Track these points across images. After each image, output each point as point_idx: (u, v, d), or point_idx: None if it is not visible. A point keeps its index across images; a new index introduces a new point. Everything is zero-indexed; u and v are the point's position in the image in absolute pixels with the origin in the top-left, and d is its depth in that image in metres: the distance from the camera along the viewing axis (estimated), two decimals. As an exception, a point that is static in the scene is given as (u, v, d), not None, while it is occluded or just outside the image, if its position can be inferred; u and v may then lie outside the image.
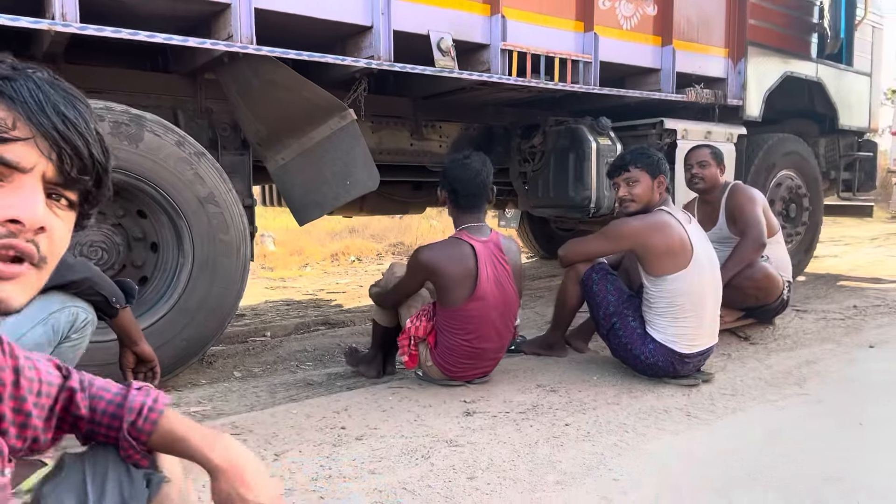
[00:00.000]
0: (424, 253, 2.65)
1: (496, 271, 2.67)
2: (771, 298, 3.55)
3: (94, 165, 0.71)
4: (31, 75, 0.69)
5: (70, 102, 0.69)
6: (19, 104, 0.66)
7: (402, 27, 3.18)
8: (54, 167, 0.68)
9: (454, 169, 2.73)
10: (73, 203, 0.72)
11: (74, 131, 0.68)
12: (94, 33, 2.46)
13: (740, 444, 2.20)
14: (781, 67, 5.00)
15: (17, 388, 0.86)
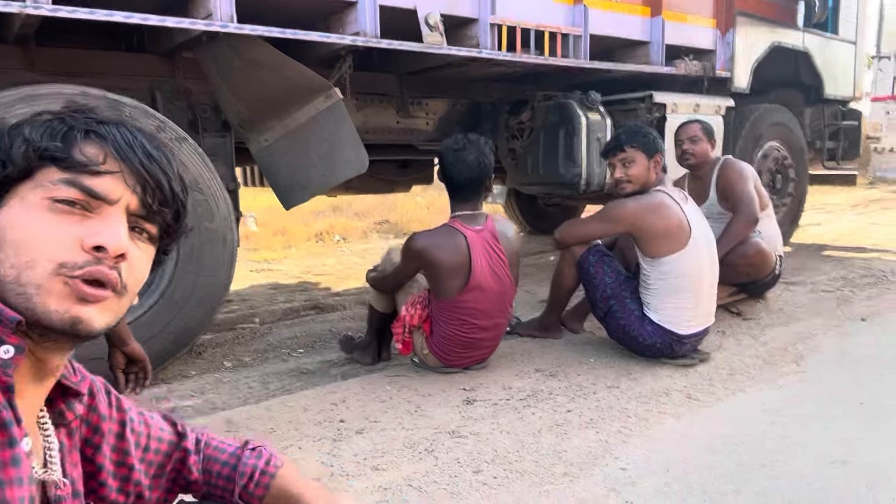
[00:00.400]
0: (417, 242, 2.59)
1: (490, 261, 2.62)
2: (763, 273, 3.55)
3: (174, 199, 0.77)
4: (122, 121, 0.77)
5: (154, 144, 0.77)
6: (110, 143, 0.73)
7: (388, 2, 3.07)
8: (138, 200, 0.74)
9: (447, 158, 2.66)
10: (153, 237, 0.78)
11: (158, 168, 0.75)
12: (67, 15, 2.32)
13: (743, 426, 2.20)
14: (769, 37, 4.95)
15: (122, 440, 0.90)
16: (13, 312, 0.66)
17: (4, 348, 0.66)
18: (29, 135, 0.71)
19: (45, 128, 0.72)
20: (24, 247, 0.67)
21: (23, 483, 0.66)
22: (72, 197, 0.70)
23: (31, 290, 0.67)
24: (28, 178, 0.71)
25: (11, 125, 0.74)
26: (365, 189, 5.08)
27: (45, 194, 0.69)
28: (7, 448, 0.66)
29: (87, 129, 0.73)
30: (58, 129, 0.72)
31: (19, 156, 0.70)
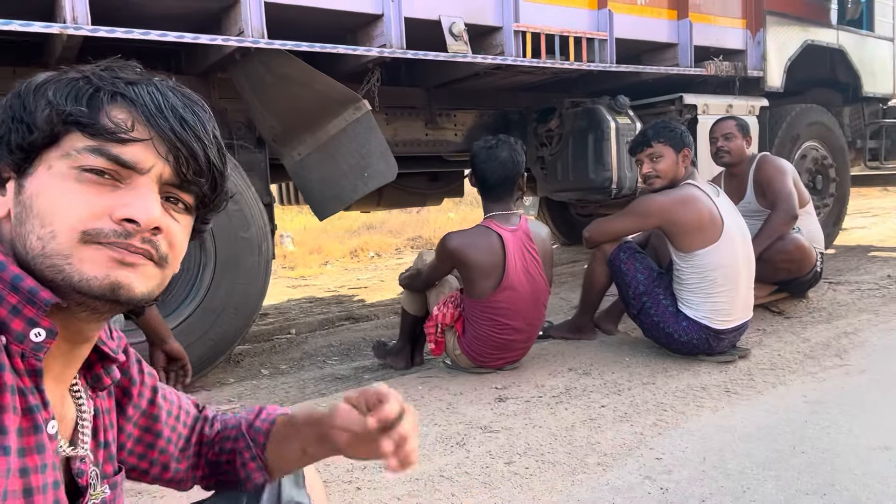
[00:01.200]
0: (452, 240, 2.59)
1: (525, 261, 2.61)
2: (804, 271, 3.46)
3: (210, 168, 0.71)
4: (153, 81, 0.70)
5: (189, 107, 0.70)
6: (139, 107, 0.67)
7: (412, 14, 3.14)
8: (171, 169, 0.68)
9: (479, 156, 2.66)
10: (189, 207, 0.73)
11: (192, 134, 0.69)
12: (105, 35, 2.44)
13: (783, 417, 2.14)
14: (802, 36, 4.88)
15: (153, 405, 0.90)
16: (49, 294, 0.63)
17: (36, 331, 0.63)
18: (53, 97, 0.66)
19: (69, 89, 0.67)
20: (48, 217, 0.64)
21: (47, 469, 0.65)
22: (99, 166, 0.65)
23: (59, 260, 0.63)
24: (55, 143, 0.66)
25: (38, 83, 0.68)
26: (396, 203, 5.15)
27: (72, 163, 0.65)
28: (32, 434, 0.64)
29: (115, 90, 0.67)
30: (83, 90, 0.67)
31: (43, 120, 0.65)
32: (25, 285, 0.63)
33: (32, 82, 0.68)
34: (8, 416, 0.61)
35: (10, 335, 0.63)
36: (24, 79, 0.70)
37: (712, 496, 1.66)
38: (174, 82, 0.72)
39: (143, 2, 2.70)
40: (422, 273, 2.78)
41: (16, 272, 0.64)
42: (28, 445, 0.64)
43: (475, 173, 2.71)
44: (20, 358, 0.64)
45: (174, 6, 2.77)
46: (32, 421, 0.64)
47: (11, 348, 0.63)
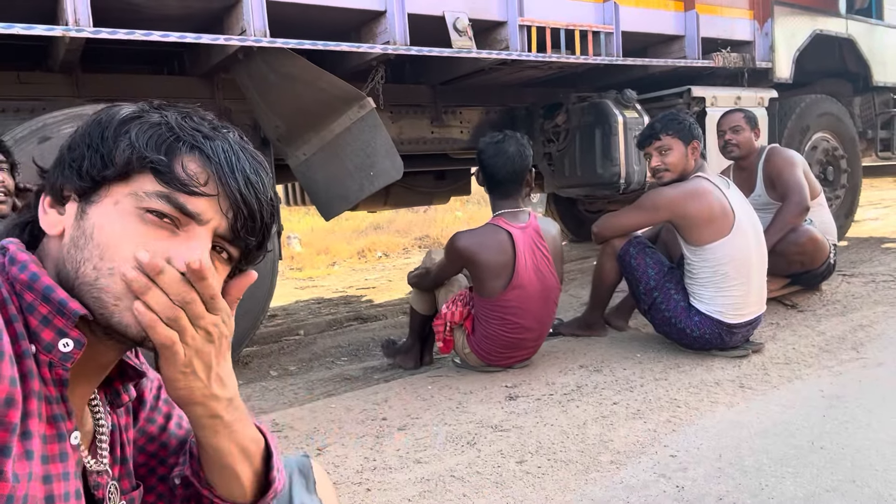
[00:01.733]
0: (461, 239, 2.56)
1: (535, 259, 2.57)
2: (817, 263, 3.41)
3: (262, 227, 0.74)
4: (227, 136, 0.73)
5: (255, 169, 0.73)
6: (214, 164, 0.70)
7: (416, 10, 3.11)
8: (227, 224, 0.71)
9: (486, 152, 2.63)
10: (231, 258, 0.75)
11: (254, 196, 0.72)
12: (107, 36, 2.42)
13: (800, 412, 2.10)
14: (810, 26, 4.81)
15: (164, 432, 0.89)
16: (77, 305, 0.65)
17: (64, 341, 0.64)
18: (135, 139, 0.68)
19: (151, 133, 0.69)
20: (109, 253, 0.66)
21: (69, 478, 0.66)
22: (164, 210, 0.67)
23: (108, 298, 0.65)
24: (125, 180, 0.68)
25: (121, 120, 0.70)
26: (403, 202, 5.13)
27: (139, 203, 0.67)
28: (56, 442, 0.65)
29: (194, 144, 0.69)
30: (164, 137, 0.69)
31: (122, 160, 0.67)
32: (56, 296, 0.64)
33: (115, 116, 0.70)
34: (33, 421, 0.62)
35: (39, 344, 0.64)
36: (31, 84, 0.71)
37: (729, 494, 1.62)
38: (242, 138, 0.75)
39: (145, 3, 2.68)
40: (430, 272, 2.75)
41: (47, 283, 0.65)
42: (52, 453, 0.65)
43: (483, 170, 2.67)
44: (48, 367, 0.65)
45: (176, 6, 2.75)
46: (57, 429, 0.66)
47: (40, 357, 0.64)
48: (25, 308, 0.65)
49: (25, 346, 0.63)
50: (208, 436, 0.75)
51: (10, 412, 0.58)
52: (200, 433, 0.76)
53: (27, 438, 0.61)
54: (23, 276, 0.65)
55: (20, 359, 0.62)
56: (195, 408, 0.72)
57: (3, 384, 0.58)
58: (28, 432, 0.61)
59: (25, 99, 2.85)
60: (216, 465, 0.79)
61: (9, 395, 0.58)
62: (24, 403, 0.61)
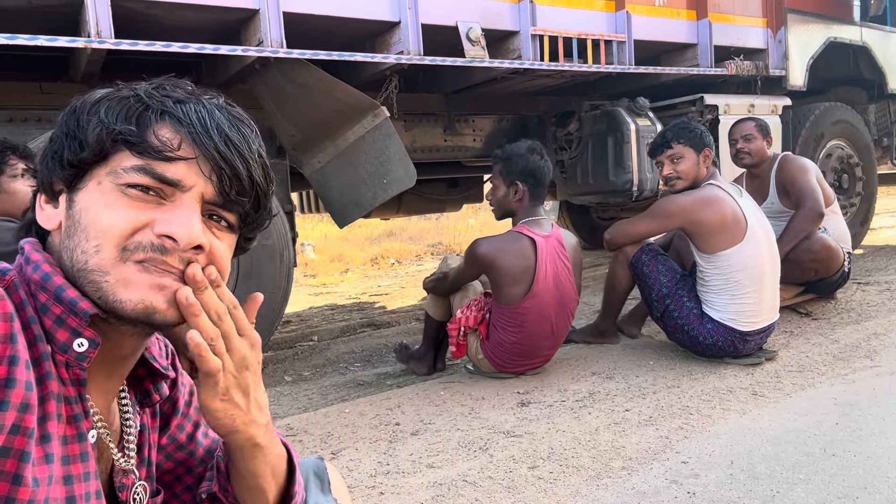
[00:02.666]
0: (482, 246, 2.57)
1: (556, 268, 2.59)
2: (831, 271, 3.39)
3: (253, 187, 0.71)
4: (202, 99, 0.71)
5: (235, 125, 0.70)
6: (186, 126, 0.68)
7: (429, 20, 3.15)
8: (213, 188, 0.68)
9: (527, 160, 2.64)
10: (232, 225, 0.72)
11: (236, 153, 0.69)
12: (128, 48, 2.49)
13: (813, 420, 2.09)
14: (824, 33, 4.81)
15: (192, 441, 0.88)
16: (88, 304, 0.64)
17: (78, 342, 0.64)
18: (104, 115, 0.67)
19: (120, 107, 0.67)
20: (93, 231, 0.65)
21: (90, 478, 0.66)
22: (144, 183, 0.66)
23: (98, 277, 0.64)
24: (104, 160, 0.67)
25: (92, 101, 0.69)
26: (416, 210, 5.16)
27: (118, 180, 0.66)
28: (76, 442, 0.65)
29: (163, 109, 0.68)
30: (133, 109, 0.67)
31: (93, 138, 0.66)
32: (67, 296, 0.64)
33: (87, 100, 0.69)
34: (52, 423, 0.62)
35: (54, 345, 0.64)
36: (53, 94, 0.71)
37: (741, 500, 1.63)
38: (224, 100, 0.73)
39: (165, 15, 2.74)
40: (448, 277, 2.77)
41: (59, 283, 0.65)
42: (72, 454, 0.65)
43: (524, 176, 2.64)
44: (65, 367, 0.65)
45: (195, 18, 2.81)
46: (77, 429, 0.65)
47: (56, 358, 0.64)
48: (40, 308, 0.64)
49: (43, 347, 0.63)
50: (246, 460, 0.74)
51: (27, 417, 0.58)
52: (238, 458, 0.75)
53: (46, 441, 0.61)
54: (35, 276, 0.65)
55: (38, 361, 0.62)
56: (236, 436, 0.71)
57: (19, 389, 0.58)
58: (47, 435, 0.61)
59: (48, 108, 2.91)
60: (247, 485, 0.78)
61: (24, 401, 0.58)
62: (42, 406, 0.61)
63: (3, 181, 2.01)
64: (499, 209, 2.76)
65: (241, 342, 0.68)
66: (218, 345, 0.67)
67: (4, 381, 0.57)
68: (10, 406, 0.57)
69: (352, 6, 2.98)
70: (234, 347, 0.68)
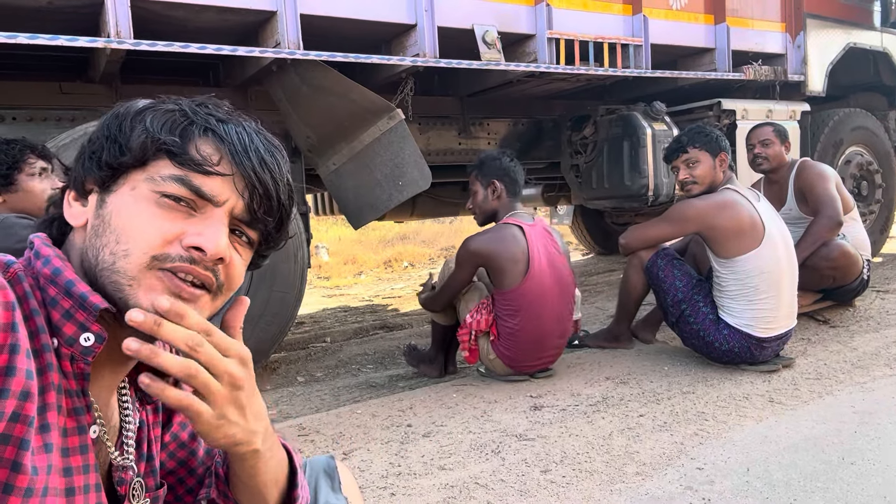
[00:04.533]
0: (474, 240, 2.64)
1: (548, 250, 2.67)
2: (850, 278, 3.35)
3: (279, 208, 0.74)
4: (241, 121, 0.74)
5: (269, 150, 0.74)
6: (227, 144, 0.71)
7: (445, 23, 3.15)
8: (244, 205, 0.71)
9: (498, 161, 2.80)
10: (252, 242, 0.75)
11: (269, 175, 0.72)
12: (147, 48, 2.51)
13: (831, 428, 2.06)
14: (844, 39, 4.76)
15: (194, 440, 0.88)
16: (98, 299, 0.65)
17: (85, 336, 0.65)
18: (150, 125, 0.69)
19: (166, 118, 0.70)
20: (124, 235, 0.66)
21: (89, 470, 0.66)
22: (180, 194, 0.68)
23: (123, 280, 0.65)
24: (142, 166, 0.69)
25: (137, 110, 0.71)
26: (429, 213, 5.16)
27: (155, 187, 0.68)
28: (77, 435, 0.66)
29: (207, 126, 0.70)
30: (178, 122, 0.70)
31: (137, 145, 0.68)
32: (77, 290, 0.65)
33: (132, 107, 0.72)
34: (52, 414, 0.62)
35: (61, 338, 0.65)
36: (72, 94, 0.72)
37: (757, 508, 1.60)
38: (258, 125, 0.76)
39: (184, 16, 2.76)
40: (442, 290, 2.77)
41: (70, 277, 0.66)
42: (72, 446, 0.65)
43: (500, 175, 2.78)
44: (70, 361, 0.65)
45: (213, 20, 2.83)
46: (77, 422, 0.66)
47: (62, 351, 0.65)
48: (48, 302, 0.65)
49: (45, 339, 0.63)
50: (246, 468, 0.74)
51: (27, 405, 0.58)
52: (238, 466, 0.75)
53: (46, 431, 0.61)
54: (46, 271, 0.66)
55: (39, 353, 0.63)
56: (238, 447, 0.71)
57: (20, 377, 0.58)
58: (46, 425, 0.61)
59: (67, 108, 2.95)
60: (248, 491, 0.78)
61: (24, 389, 0.58)
62: (42, 396, 0.61)
63: (21, 179, 2.03)
64: (481, 213, 2.86)
65: (227, 364, 0.66)
66: (200, 377, 0.64)
67: (5, 370, 0.57)
68: (10, 394, 0.57)
69: (368, 9, 2.99)
70: (220, 372, 0.66)
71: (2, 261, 0.66)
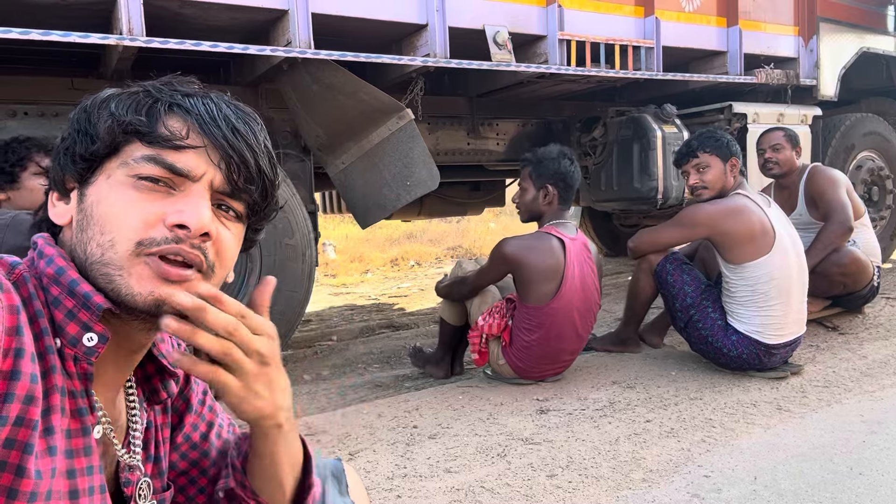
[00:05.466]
0: (511, 244, 2.55)
1: (583, 270, 2.58)
2: (860, 285, 3.33)
3: (260, 176, 0.73)
4: (209, 94, 0.73)
5: (241, 117, 0.73)
6: (194, 116, 0.70)
7: (457, 23, 3.14)
8: (222, 176, 0.70)
9: (558, 164, 2.65)
10: (240, 215, 0.74)
11: (243, 142, 0.71)
12: (159, 45, 2.51)
13: (839, 436, 2.05)
14: (857, 43, 4.72)
15: (205, 441, 0.88)
16: (101, 299, 0.64)
17: (88, 336, 0.64)
18: (115, 109, 0.68)
19: (130, 101, 0.69)
20: (107, 225, 0.66)
21: (93, 472, 0.66)
22: (155, 174, 0.67)
23: (112, 270, 0.65)
24: (115, 153, 0.68)
25: (102, 98, 0.71)
26: (437, 212, 5.16)
27: (129, 171, 0.67)
28: (80, 436, 0.65)
29: (172, 101, 0.69)
30: (143, 102, 0.69)
31: (104, 130, 0.68)
32: (81, 290, 0.64)
33: (98, 97, 0.71)
34: (56, 416, 0.62)
35: (64, 338, 0.64)
36: (84, 90, 0.72)
37: (764, 517, 1.59)
38: (229, 96, 0.74)
39: (196, 14, 2.77)
40: (466, 281, 2.75)
41: (73, 277, 0.65)
42: (76, 447, 0.65)
43: (557, 180, 2.65)
44: (73, 361, 0.65)
45: (224, 18, 2.83)
46: (81, 423, 0.65)
47: (65, 351, 0.64)
48: (52, 302, 0.65)
49: (49, 341, 0.63)
50: (269, 444, 0.75)
51: (31, 409, 0.58)
52: (262, 443, 0.75)
53: (49, 434, 0.61)
54: (49, 270, 0.66)
55: (43, 355, 0.62)
56: (264, 420, 0.72)
57: (24, 381, 0.58)
58: (50, 428, 0.61)
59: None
60: (266, 474, 0.78)
61: (29, 393, 0.58)
62: (46, 399, 0.61)
63: (24, 177, 2.04)
64: (526, 212, 2.74)
65: (258, 342, 0.67)
66: (234, 355, 0.66)
67: (10, 374, 0.57)
68: (14, 398, 0.57)
69: (379, 8, 2.98)
70: (252, 350, 0.67)
71: (7, 262, 0.66)
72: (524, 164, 2.75)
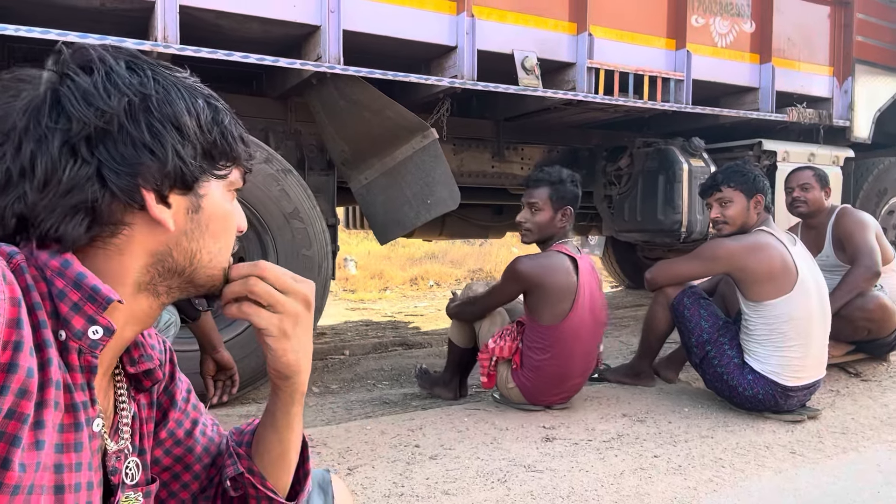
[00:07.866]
0: (527, 263, 2.52)
1: (592, 289, 2.58)
2: (885, 332, 3.23)
3: None
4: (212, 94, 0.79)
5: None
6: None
7: (486, 46, 3.17)
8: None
9: (575, 186, 2.68)
10: None
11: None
12: (192, 54, 2.57)
13: (853, 486, 1.97)
14: (893, 87, 4.65)
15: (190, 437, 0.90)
16: (110, 291, 0.64)
17: (93, 329, 0.64)
18: (228, 125, 0.73)
19: (234, 123, 0.75)
20: (220, 236, 0.74)
21: (82, 467, 0.65)
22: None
23: (218, 272, 0.74)
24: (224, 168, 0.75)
25: (215, 111, 0.72)
26: (458, 234, 5.16)
27: (229, 186, 0.75)
28: (72, 431, 0.65)
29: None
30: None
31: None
32: (88, 283, 0.64)
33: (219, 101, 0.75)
34: (48, 411, 0.61)
35: (69, 331, 0.64)
36: None
37: (768, 564, 1.54)
38: None
39: (232, 26, 2.83)
40: (478, 301, 2.73)
41: (80, 270, 0.64)
42: (66, 442, 0.64)
43: (576, 202, 2.66)
44: (77, 354, 0.65)
45: (257, 31, 2.89)
46: (74, 418, 0.65)
47: (69, 344, 0.64)
48: (56, 294, 0.64)
49: (47, 335, 0.62)
50: (288, 412, 0.81)
51: (24, 403, 0.57)
52: (282, 410, 0.81)
53: (39, 428, 0.60)
54: (54, 262, 0.64)
55: (41, 348, 0.61)
56: (293, 378, 0.78)
57: (20, 375, 0.57)
58: (41, 422, 0.60)
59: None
60: (274, 453, 0.84)
61: (23, 386, 0.57)
62: (41, 393, 0.60)
63: None
64: (538, 232, 2.65)
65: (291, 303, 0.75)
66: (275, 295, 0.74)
67: (7, 366, 0.57)
68: (9, 391, 0.57)
69: (410, 29, 3.02)
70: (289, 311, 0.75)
71: (4, 251, 0.65)
72: (537, 184, 2.67)
